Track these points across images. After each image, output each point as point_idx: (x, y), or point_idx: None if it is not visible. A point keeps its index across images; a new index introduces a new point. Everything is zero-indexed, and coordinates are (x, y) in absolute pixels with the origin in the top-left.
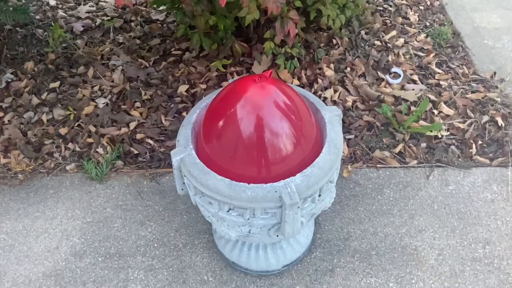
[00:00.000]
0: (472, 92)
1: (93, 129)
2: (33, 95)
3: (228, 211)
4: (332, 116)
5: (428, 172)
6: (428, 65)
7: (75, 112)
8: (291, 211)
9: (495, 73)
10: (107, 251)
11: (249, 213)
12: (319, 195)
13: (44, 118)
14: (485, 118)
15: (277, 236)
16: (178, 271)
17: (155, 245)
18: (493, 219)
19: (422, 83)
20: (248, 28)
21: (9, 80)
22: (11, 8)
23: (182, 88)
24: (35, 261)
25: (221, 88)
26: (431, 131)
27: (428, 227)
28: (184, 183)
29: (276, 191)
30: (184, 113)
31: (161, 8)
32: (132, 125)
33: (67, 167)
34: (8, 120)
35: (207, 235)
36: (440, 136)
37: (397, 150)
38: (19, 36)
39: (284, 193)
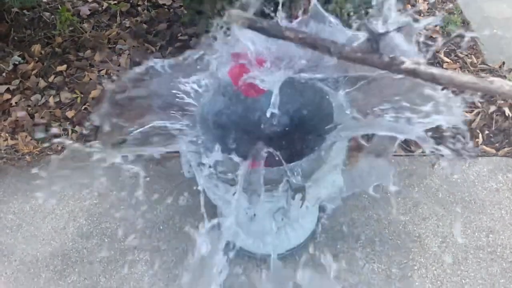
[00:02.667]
0: None
1: None
2: (40, 78)
3: (234, 194)
4: (340, 101)
5: (434, 161)
6: (437, 53)
7: (82, 95)
8: (296, 194)
9: (503, 63)
10: (113, 233)
11: (255, 196)
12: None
13: (51, 100)
14: (493, 108)
15: (282, 219)
16: (183, 253)
17: (161, 227)
18: (497, 208)
19: None
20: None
21: (17, 63)
22: None
23: None
24: (43, 241)
25: None
26: None
27: (432, 215)
28: (191, 165)
29: (282, 175)
30: None
31: None
32: None
33: None
34: (16, 102)
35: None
36: None
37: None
38: (26, 19)
39: (291, 176)
